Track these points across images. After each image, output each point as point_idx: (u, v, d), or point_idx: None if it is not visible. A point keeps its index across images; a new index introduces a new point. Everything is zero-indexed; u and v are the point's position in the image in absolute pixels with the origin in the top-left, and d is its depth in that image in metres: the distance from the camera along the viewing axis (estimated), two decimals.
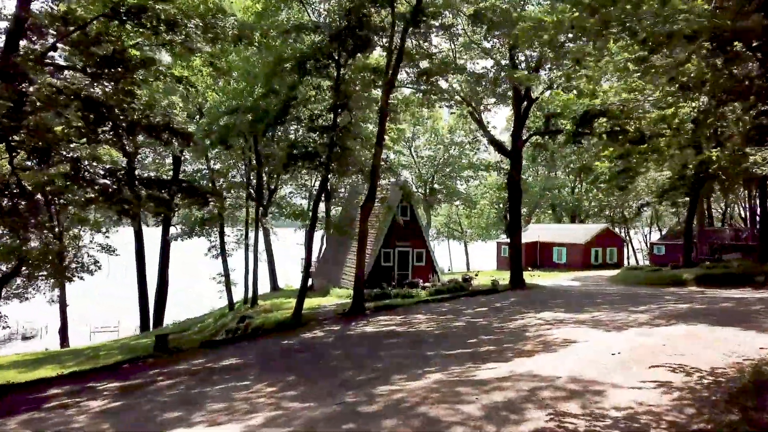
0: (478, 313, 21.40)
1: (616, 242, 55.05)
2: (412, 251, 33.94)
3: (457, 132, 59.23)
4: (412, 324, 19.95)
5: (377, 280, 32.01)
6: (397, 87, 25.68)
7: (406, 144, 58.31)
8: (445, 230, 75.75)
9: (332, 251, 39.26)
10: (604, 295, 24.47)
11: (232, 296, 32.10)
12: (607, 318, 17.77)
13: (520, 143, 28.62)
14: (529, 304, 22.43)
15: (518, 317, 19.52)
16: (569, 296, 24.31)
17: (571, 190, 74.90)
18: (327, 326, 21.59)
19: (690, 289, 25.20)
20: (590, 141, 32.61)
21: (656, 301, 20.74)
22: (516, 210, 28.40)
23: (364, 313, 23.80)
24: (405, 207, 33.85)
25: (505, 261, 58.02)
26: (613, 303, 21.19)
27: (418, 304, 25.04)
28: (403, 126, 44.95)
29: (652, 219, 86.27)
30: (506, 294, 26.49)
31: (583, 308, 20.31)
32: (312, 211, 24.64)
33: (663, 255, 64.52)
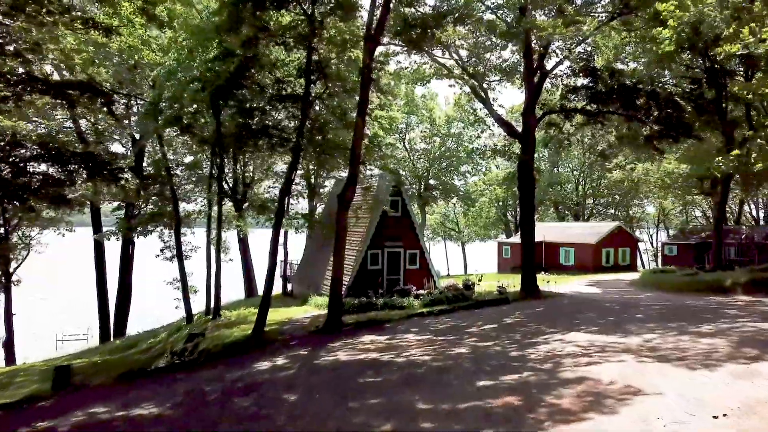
0: (486, 333, 16.55)
1: (630, 242, 50.38)
2: (404, 252, 29.09)
3: (455, 124, 54.46)
4: (400, 349, 15.10)
5: (363, 287, 27.14)
6: (385, 45, 20.81)
7: (400, 136, 53.50)
8: (442, 230, 70.87)
9: (313, 253, 34.36)
10: (640, 306, 19.67)
11: (190, 306, 27.20)
12: (667, 344, 12.97)
13: (533, 122, 23.83)
14: (552, 320, 17.59)
15: (541, 341, 14.69)
16: (599, 308, 19.49)
17: (576, 187, 70.30)
18: (292, 350, 16.71)
19: (746, 299, 20.44)
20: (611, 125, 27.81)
21: (719, 317, 15.93)
22: (529, 201, 23.60)
23: (341, 331, 18.95)
24: (396, 201, 28.99)
25: (507, 263, 53.15)
26: (662, 320, 16.37)
27: (410, 318, 20.18)
28: (395, 113, 40.24)
29: (659, 217, 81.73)
30: (518, 305, 21.65)
31: (624, 327, 15.50)
32: (278, 202, 19.74)
33: (675, 256, 60.00)
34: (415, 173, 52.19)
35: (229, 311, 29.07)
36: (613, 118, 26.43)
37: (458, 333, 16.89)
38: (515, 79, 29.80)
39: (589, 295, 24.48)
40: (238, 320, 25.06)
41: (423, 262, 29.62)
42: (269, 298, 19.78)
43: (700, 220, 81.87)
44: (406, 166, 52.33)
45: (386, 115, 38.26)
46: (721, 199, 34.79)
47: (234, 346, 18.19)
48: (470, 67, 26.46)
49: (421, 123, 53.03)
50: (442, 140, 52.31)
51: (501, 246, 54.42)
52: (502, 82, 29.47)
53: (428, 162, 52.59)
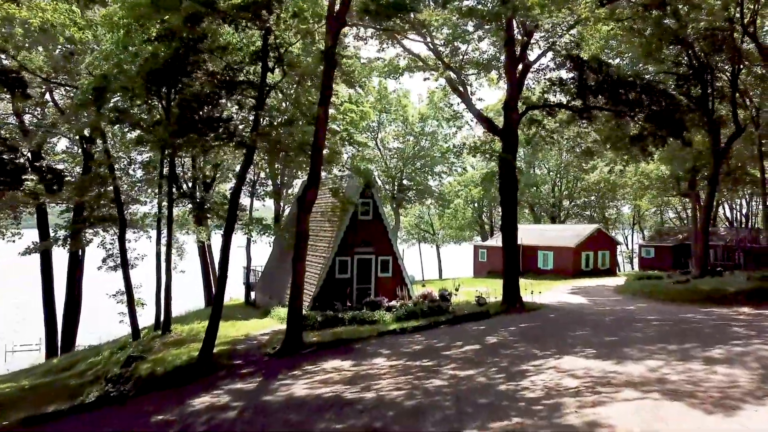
0: (467, 357, 14.35)
1: (609, 245, 48.91)
2: (375, 259, 26.76)
3: (429, 122, 52.34)
4: (368, 379, 12.81)
5: (330, 298, 24.74)
6: (352, 25, 18.45)
7: (372, 134, 51.16)
8: (416, 232, 68.69)
9: (278, 260, 31.82)
10: (636, 321, 17.70)
11: (136, 321, 24.41)
12: (678, 376, 10.96)
13: (516, 116, 21.78)
14: (541, 340, 15.46)
15: (532, 368, 12.55)
16: (590, 324, 17.47)
17: (552, 188, 68.94)
18: (241, 379, 14.28)
19: (750, 312, 18.64)
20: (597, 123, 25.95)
21: (728, 338, 14.01)
22: (511, 203, 21.50)
23: (302, 353, 16.55)
24: (367, 203, 26.64)
25: (483, 267, 51.21)
26: (664, 340, 14.37)
27: (381, 338, 17.88)
28: (366, 107, 37.93)
29: (634, 219, 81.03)
30: (501, 319, 19.53)
31: (624, 350, 13.44)
32: (229, 205, 17.24)
33: (653, 258, 58.93)
34: (388, 173, 49.91)
35: (183, 325, 26.41)
36: (599, 114, 24.60)
37: (435, 356, 14.66)
38: (494, 76, 27.81)
39: (576, 307, 22.50)
40: (190, 336, 22.43)
41: (396, 269, 27.33)
42: (219, 316, 17.27)
43: (673, 221, 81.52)
44: (379, 166, 50.04)
45: (357, 110, 35.98)
46: (708, 201, 33.32)
47: (176, 373, 15.66)
48: (447, 57, 24.34)
49: (394, 121, 50.77)
50: (416, 139, 50.12)
51: (477, 249, 52.53)
52: (481, 76, 27.48)
53: (402, 162, 50.35)
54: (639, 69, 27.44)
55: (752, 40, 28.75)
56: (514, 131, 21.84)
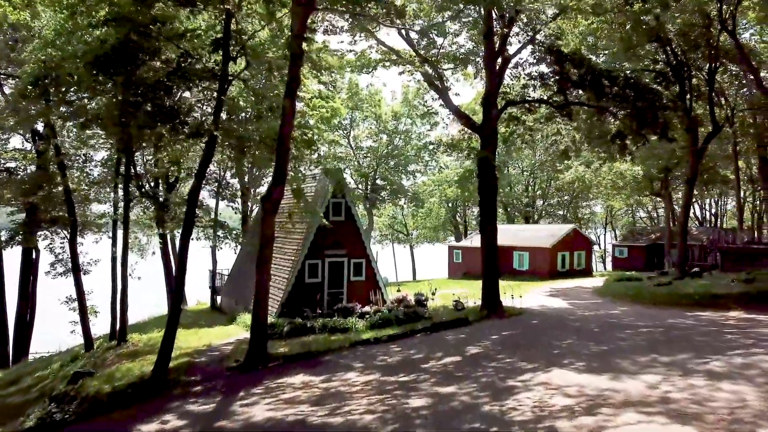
0: (447, 371, 13.16)
1: (585, 245, 48.41)
2: (347, 262, 25.45)
3: (403, 120, 51.19)
4: (339, 399, 11.53)
5: (299, 304, 23.34)
6: (322, 9, 17.08)
7: (344, 132, 49.78)
8: (390, 233, 67.45)
9: (245, 263, 30.23)
10: (624, 328, 16.76)
11: (89, 331, 22.64)
12: (680, 393, 9.96)
13: (495, 113, 20.72)
14: (526, 351, 14.37)
15: (519, 384, 11.42)
16: (576, 331, 16.47)
17: (526, 188, 68.53)
18: (197, 399, 12.83)
19: (740, 316, 17.87)
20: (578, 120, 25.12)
21: (726, 347, 13.10)
22: (490, 202, 20.42)
23: (267, 366, 15.18)
24: (338, 204, 25.32)
25: (458, 267, 50.26)
26: (656, 350, 13.41)
27: (353, 348, 16.59)
28: (337, 104, 36.60)
29: (606, 219, 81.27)
30: (482, 327, 18.41)
31: (616, 362, 12.42)
32: (188, 204, 15.73)
33: (626, 258, 58.88)
34: (361, 173, 48.57)
35: (143, 333, 24.72)
36: (581, 111, 23.76)
37: (413, 370, 13.44)
38: (470, 72, 26.78)
39: (557, 311, 21.55)
40: (147, 347, 20.82)
41: (370, 272, 26.05)
42: (175, 326, 15.76)
43: (644, 221, 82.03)
44: (352, 164, 48.68)
45: (327, 106, 34.66)
46: (687, 201, 32.86)
47: (125, 392, 14.10)
48: (423, 50, 23.20)
49: (367, 119, 49.47)
50: (389, 137, 48.90)
51: (452, 250, 51.58)
52: (458, 71, 26.40)
53: (375, 161, 49.06)
54: (617, 66, 26.68)
55: (730, 36, 28.28)
56: (493, 127, 20.79)
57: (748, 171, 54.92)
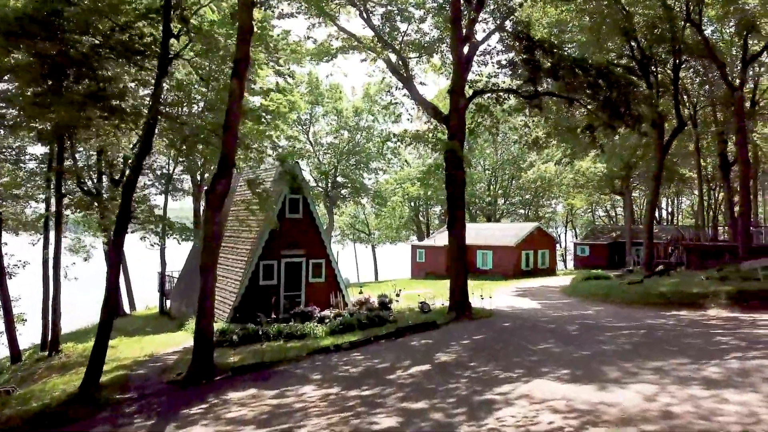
0: (416, 382, 11.73)
1: (548, 244, 47.90)
2: (306, 262, 23.82)
3: (365, 116, 49.74)
4: (291, 418, 10.00)
5: (253, 308, 21.62)
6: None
7: (303, 128, 48.00)
8: (351, 232, 65.86)
9: (195, 264, 28.19)
10: (603, 330, 15.68)
11: (16, 341, 20.38)
12: (682, 406, 8.78)
13: (462, 103, 19.46)
14: (501, 357, 13.07)
15: (498, 398, 10.09)
16: (552, 334, 15.28)
17: (488, 186, 67.98)
18: (127, 422, 11.04)
19: (721, 315, 17.03)
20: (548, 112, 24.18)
21: (718, 350, 12.07)
22: (458, 198, 19.13)
23: (212, 380, 13.46)
24: (296, 200, 23.68)
25: (421, 267, 49.06)
26: (643, 354, 12.30)
27: (311, 357, 15.00)
28: (296, 97, 34.97)
29: (567, 217, 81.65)
30: (450, 330, 17.07)
31: (602, 369, 11.22)
32: (122, 199, 13.87)
33: (587, 256, 58.90)
34: (321, 170, 46.91)
35: (79, 343, 22.58)
36: (550, 102, 22.76)
37: (377, 382, 11.97)
38: (437, 62, 25.62)
39: (528, 312, 20.42)
40: (82, 357, 18.79)
41: (330, 273, 24.49)
42: (107, 336, 13.90)
43: (603, 219, 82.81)
44: (311, 161, 46.97)
45: (285, 100, 33.02)
46: (653, 198, 32.43)
47: (46, 415, 12.19)
48: (386, 37, 21.83)
49: (328, 114, 47.84)
50: (350, 134, 47.39)
51: (415, 249, 50.36)
52: (422, 61, 25.16)
53: (336, 158, 47.45)
54: (588, 56, 25.87)
55: (696, 29, 27.87)
56: (461, 117, 19.52)
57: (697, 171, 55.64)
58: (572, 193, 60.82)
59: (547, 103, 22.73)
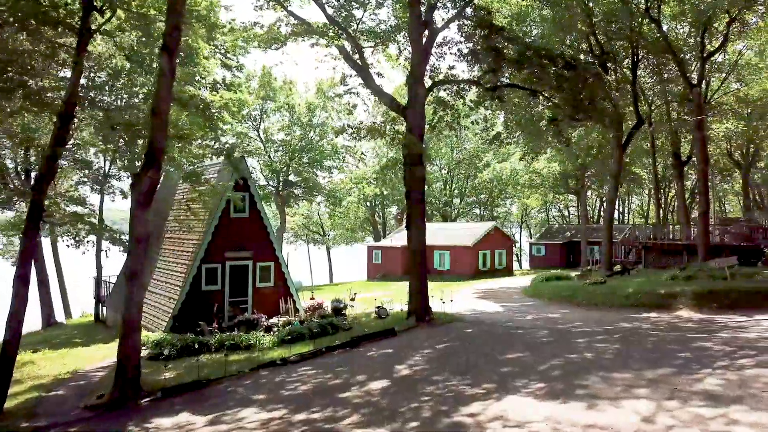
0: (374, 402, 10.25)
1: (506, 244, 47.28)
2: (253, 266, 22.01)
3: (318, 112, 47.99)
4: None
5: (194, 316, 19.69)
6: None
7: (254, 124, 45.90)
8: (304, 233, 63.78)
9: None
10: (574, 334, 14.59)
11: None
12: (686, 428, 7.54)
13: (422, 92, 18.12)
14: (468, 369, 11.73)
15: (467, 420, 8.75)
16: (523, 342, 14.05)
17: (444, 186, 67.23)
18: None
19: (694, 317, 16.21)
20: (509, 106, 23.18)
21: (702, 355, 11.06)
22: (417, 194, 17.77)
23: (138, 404, 11.64)
24: (242, 197, 21.83)
25: (378, 269, 47.63)
26: (624, 361, 11.20)
27: (255, 373, 13.32)
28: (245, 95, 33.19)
29: (522, 217, 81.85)
30: (411, 338, 15.66)
31: (585, 383, 9.98)
32: (32, 196, 11.88)
33: (543, 256, 58.80)
34: (272, 167, 44.85)
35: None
36: (513, 95, 21.76)
37: (329, 402, 10.44)
38: (393, 53, 24.26)
39: (492, 316, 19.23)
40: None
41: (280, 277, 22.74)
42: (12, 358, 11.85)
43: (557, 219, 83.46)
44: (262, 159, 44.88)
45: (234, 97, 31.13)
46: (613, 195, 31.99)
47: None
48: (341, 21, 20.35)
49: (279, 110, 45.86)
50: (303, 131, 45.53)
51: (371, 250, 48.90)
52: (379, 51, 23.74)
53: (288, 155, 45.50)
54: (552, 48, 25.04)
55: (655, 24, 27.43)
56: (420, 108, 18.19)
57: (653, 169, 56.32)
58: (527, 193, 60.63)
59: (510, 97, 21.71)
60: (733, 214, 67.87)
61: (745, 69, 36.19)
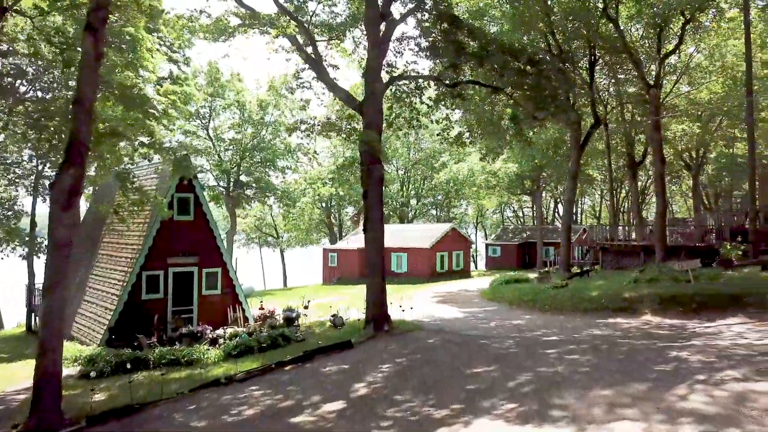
0: (327, 429, 9.13)
1: (463, 245, 46.82)
2: (199, 272, 20.51)
3: (270, 110, 46.37)
4: None
5: (133, 327, 18.09)
6: None
7: (202, 122, 43.92)
8: (257, 235, 61.79)
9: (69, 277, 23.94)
10: (542, 344, 13.79)
11: None
12: None
13: (379, 87, 17.09)
14: (432, 387, 10.73)
15: None
16: (488, 355, 13.15)
17: (401, 187, 66.48)
18: None
19: (662, 323, 15.68)
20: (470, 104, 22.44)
21: (681, 368, 10.38)
22: (376, 195, 16.70)
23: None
24: (185, 199, 20.33)
25: (334, 272, 46.32)
26: (600, 374, 10.41)
27: (195, 394, 11.96)
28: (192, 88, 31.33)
29: (477, 218, 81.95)
30: (369, 350, 14.56)
31: (562, 402, 9.10)
32: None
33: (499, 257, 58.83)
34: (222, 167, 42.99)
35: None
36: (473, 93, 20.99)
37: (279, 429, 9.25)
38: (347, 47, 23.19)
39: (454, 324, 18.34)
40: None
41: (228, 283, 21.29)
42: None
43: (511, 219, 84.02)
44: (211, 158, 42.95)
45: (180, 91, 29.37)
46: (571, 196, 31.75)
47: None
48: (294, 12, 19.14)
49: (229, 107, 44.01)
50: (255, 129, 43.84)
51: (327, 253, 47.59)
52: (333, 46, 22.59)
53: (239, 154, 43.70)
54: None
55: (613, 24, 27.23)
56: (377, 104, 17.15)
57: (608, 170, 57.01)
58: (482, 194, 60.49)
59: (470, 94, 20.94)
60: (680, 214, 69.63)
61: (695, 71, 36.69)
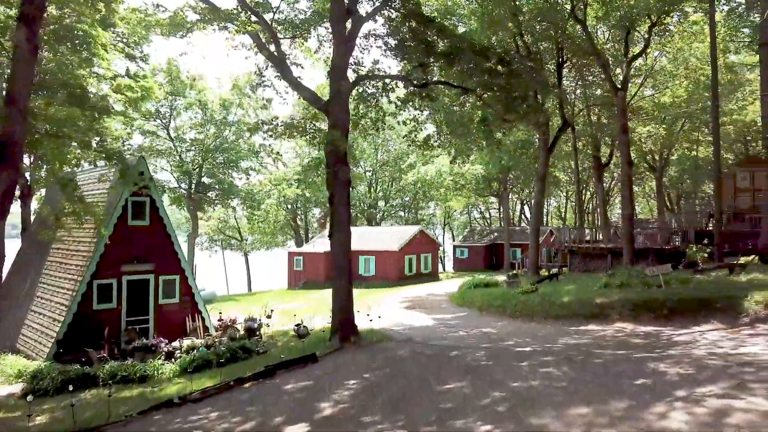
0: None
1: (431, 247, 46.45)
2: (155, 280, 19.45)
3: (233, 110, 45.14)
4: None
5: (83, 341, 16.97)
6: None
7: (163, 123, 42.41)
8: (220, 239, 60.25)
9: (8, 285, 22.52)
10: (514, 355, 13.25)
11: None
12: None
13: (345, 86, 16.38)
14: (401, 407, 10.06)
15: None
16: (459, 368, 12.53)
17: (368, 189, 65.88)
18: None
19: (642, 331, 15.34)
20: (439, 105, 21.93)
21: (660, 382, 9.94)
22: (342, 197, 15.94)
23: None
24: (141, 203, 19.27)
25: (299, 276, 45.34)
26: (576, 390, 9.89)
27: (146, 417, 11.03)
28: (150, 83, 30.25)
29: (444, 219, 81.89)
30: (335, 364, 13.80)
31: (537, 420, 8.55)
32: None
33: (466, 258, 58.79)
34: (183, 169, 41.57)
35: None
36: (442, 94, 20.48)
37: None
38: (311, 46, 22.48)
39: (424, 332, 17.73)
40: None
41: (186, 291, 20.28)
42: None
43: (478, 221, 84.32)
44: (172, 159, 41.50)
45: (138, 85, 28.21)
46: (539, 198, 31.58)
47: None
48: (256, 8, 18.28)
49: (190, 107, 42.61)
50: (217, 129, 42.56)
51: (292, 257, 46.58)
52: (296, 46, 21.81)
53: (201, 155, 42.35)
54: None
55: (581, 26, 27.11)
56: (343, 103, 16.41)
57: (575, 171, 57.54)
58: (450, 195, 60.38)
59: (438, 96, 20.43)
60: (642, 215, 70.81)
61: (660, 74, 37.08)
